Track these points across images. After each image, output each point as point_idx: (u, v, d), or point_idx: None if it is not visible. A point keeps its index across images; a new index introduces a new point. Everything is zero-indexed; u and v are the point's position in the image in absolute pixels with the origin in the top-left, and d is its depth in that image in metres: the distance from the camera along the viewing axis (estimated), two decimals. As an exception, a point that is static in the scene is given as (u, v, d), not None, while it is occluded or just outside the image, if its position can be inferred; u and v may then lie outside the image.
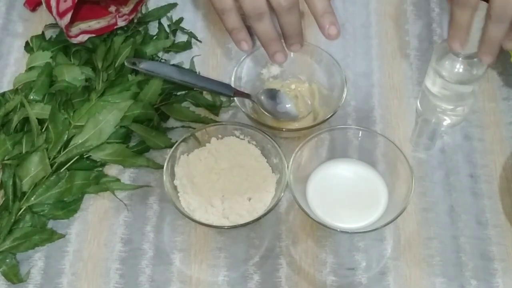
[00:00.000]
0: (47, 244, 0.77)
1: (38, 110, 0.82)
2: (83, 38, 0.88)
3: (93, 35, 0.89)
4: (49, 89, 0.85)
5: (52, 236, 0.77)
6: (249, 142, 0.81)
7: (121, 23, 0.90)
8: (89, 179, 0.79)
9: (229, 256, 0.76)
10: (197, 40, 0.94)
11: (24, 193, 0.77)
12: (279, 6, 0.74)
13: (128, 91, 0.84)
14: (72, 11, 0.85)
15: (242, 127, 0.81)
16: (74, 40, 0.88)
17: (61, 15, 0.86)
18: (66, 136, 0.80)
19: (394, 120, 0.86)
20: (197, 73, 0.90)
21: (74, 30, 0.88)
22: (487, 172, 0.82)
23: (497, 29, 0.69)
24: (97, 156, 0.81)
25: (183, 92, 0.87)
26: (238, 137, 0.81)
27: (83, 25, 0.89)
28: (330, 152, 0.80)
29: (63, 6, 0.86)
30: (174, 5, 0.97)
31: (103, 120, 0.80)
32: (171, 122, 0.85)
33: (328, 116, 0.81)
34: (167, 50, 0.92)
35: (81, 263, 0.76)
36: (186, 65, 0.91)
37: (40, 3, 0.95)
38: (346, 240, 0.77)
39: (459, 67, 0.77)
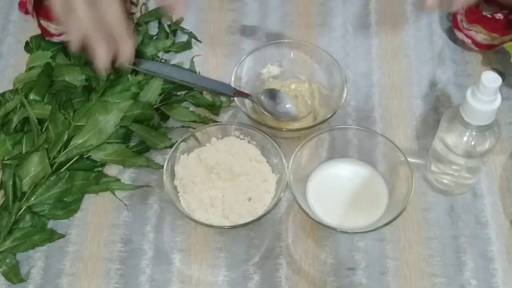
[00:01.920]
0: (47, 244, 0.77)
1: (38, 110, 0.82)
2: (66, 37, 0.88)
3: None
4: (49, 89, 0.85)
5: (52, 236, 0.77)
6: (249, 142, 0.81)
7: None
8: (89, 179, 0.79)
9: (229, 256, 0.76)
10: (197, 40, 0.94)
11: (24, 193, 0.77)
12: None
13: (128, 91, 0.84)
14: (34, 10, 0.87)
15: (242, 127, 0.81)
16: (56, 38, 0.88)
17: (33, 15, 0.88)
18: (66, 136, 0.80)
19: (394, 120, 0.86)
20: (197, 73, 0.90)
21: (61, 28, 0.88)
22: (487, 171, 0.82)
23: None
24: (97, 156, 0.81)
25: (183, 92, 0.87)
26: (238, 137, 0.81)
27: None
28: (330, 152, 0.80)
29: (30, 8, 0.88)
30: None
31: (103, 120, 0.80)
32: (171, 122, 0.85)
33: (328, 116, 0.81)
34: (167, 50, 0.92)
35: (81, 263, 0.76)
36: (186, 65, 0.91)
37: None
38: (346, 240, 0.77)
39: (467, 137, 0.71)
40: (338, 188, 0.78)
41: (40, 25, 0.89)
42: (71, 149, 0.79)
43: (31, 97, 0.84)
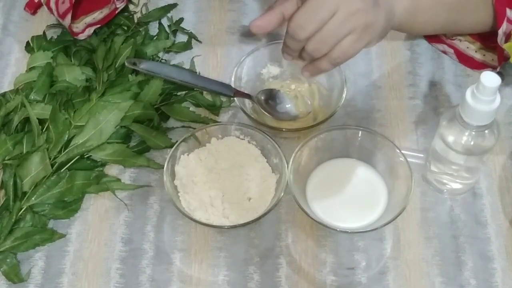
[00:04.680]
0: (47, 243, 0.77)
1: (39, 110, 0.82)
2: (90, 31, 0.89)
3: (98, 25, 0.89)
4: (50, 89, 0.85)
5: (52, 235, 0.77)
6: (249, 142, 0.81)
7: (120, 5, 0.90)
8: (90, 179, 0.79)
9: (229, 256, 0.77)
10: (197, 40, 0.94)
11: (24, 193, 0.77)
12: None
13: (129, 91, 0.84)
14: (71, 11, 0.86)
15: (242, 127, 0.81)
16: (82, 36, 0.88)
17: (62, 16, 0.87)
18: (66, 136, 0.80)
19: (394, 120, 0.87)
20: (197, 73, 0.90)
21: (80, 25, 0.89)
22: (487, 171, 0.82)
23: (291, 42, 0.72)
24: (98, 156, 0.81)
25: (184, 92, 0.87)
26: (238, 137, 0.82)
27: (88, 18, 0.89)
28: (330, 152, 0.80)
29: (62, 8, 0.86)
30: (174, 6, 0.97)
31: (103, 120, 0.80)
32: (171, 122, 0.86)
33: (328, 116, 0.81)
34: (167, 50, 0.92)
35: (81, 262, 0.76)
36: (186, 65, 0.91)
37: (40, 6, 0.95)
38: (346, 239, 0.78)
39: (467, 137, 0.71)
40: (337, 188, 0.79)
41: (69, 26, 0.88)
42: (71, 149, 0.79)
43: (32, 97, 0.84)
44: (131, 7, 0.96)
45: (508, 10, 0.83)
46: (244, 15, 0.97)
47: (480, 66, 0.89)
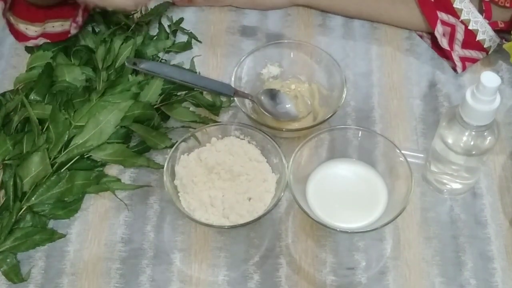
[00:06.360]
0: (47, 243, 0.77)
1: (39, 110, 0.82)
2: (40, 41, 0.88)
3: (48, 40, 0.88)
4: (50, 89, 0.85)
5: (52, 235, 0.77)
6: (249, 142, 0.81)
7: (73, 31, 0.88)
8: (90, 179, 0.79)
9: (229, 256, 0.77)
10: (197, 40, 0.94)
11: (24, 193, 0.77)
12: None
13: (129, 91, 0.84)
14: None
15: (242, 127, 0.81)
16: (29, 43, 0.88)
17: (3, 15, 0.88)
18: (66, 136, 0.80)
19: (393, 120, 0.87)
20: (197, 73, 0.90)
21: (39, 30, 0.88)
22: (487, 171, 0.82)
23: None
24: (98, 156, 0.81)
25: (184, 92, 0.87)
26: (238, 137, 0.82)
27: (49, 25, 0.88)
28: (330, 152, 0.80)
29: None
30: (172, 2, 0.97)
31: (103, 120, 0.80)
32: (171, 122, 0.86)
33: (328, 116, 0.81)
34: (167, 50, 0.92)
35: (81, 262, 0.76)
36: (186, 66, 0.91)
37: None
38: (345, 239, 0.78)
39: (467, 137, 0.72)
40: (337, 188, 0.79)
41: (12, 28, 0.87)
42: (71, 149, 0.79)
43: (32, 97, 0.84)
44: (131, 7, 0.96)
45: (439, 13, 0.87)
46: (244, 15, 0.97)
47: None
